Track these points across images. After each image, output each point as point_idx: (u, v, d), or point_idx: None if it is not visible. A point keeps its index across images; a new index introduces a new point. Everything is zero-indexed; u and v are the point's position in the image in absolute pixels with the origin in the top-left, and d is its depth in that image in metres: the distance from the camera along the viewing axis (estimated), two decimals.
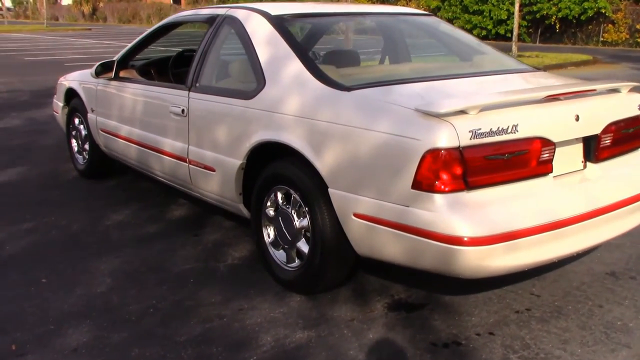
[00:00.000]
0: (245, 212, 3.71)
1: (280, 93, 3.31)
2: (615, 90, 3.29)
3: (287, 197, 3.34)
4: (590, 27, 24.50)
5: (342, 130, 2.94)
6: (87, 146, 5.48)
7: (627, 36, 23.70)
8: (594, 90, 3.11)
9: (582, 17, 23.93)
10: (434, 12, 26.07)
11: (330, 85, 3.12)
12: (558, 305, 3.22)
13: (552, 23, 24.73)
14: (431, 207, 2.62)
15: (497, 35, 25.44)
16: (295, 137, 3.15)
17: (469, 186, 2.65)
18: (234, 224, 4.43)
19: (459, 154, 2.60)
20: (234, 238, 4.18)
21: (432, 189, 2.62)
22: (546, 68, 15.23)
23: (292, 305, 3.24)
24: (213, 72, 3.92)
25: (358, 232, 2.93)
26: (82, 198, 5.11)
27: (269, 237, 3.50)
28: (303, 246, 3.27)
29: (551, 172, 2.90)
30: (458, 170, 2.61)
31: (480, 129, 2.63)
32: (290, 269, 3.37)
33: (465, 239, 2.55)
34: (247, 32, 3.69)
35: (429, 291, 3.38)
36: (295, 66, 3.30)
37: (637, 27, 23.14)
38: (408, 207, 2.69)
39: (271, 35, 3.54)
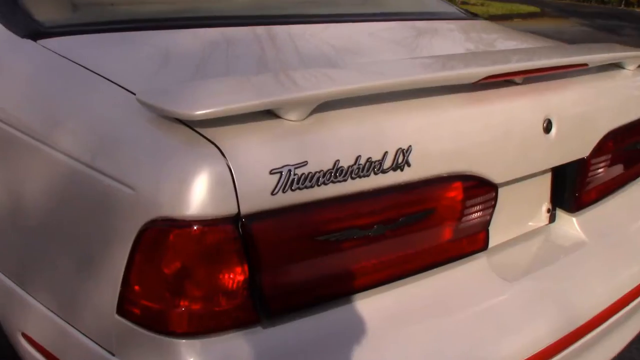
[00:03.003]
0: None
1: None
2: (615, 66, 1.68)
3: None
4: None
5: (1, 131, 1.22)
6: None
7: None
8: (585, 65, 1.46)
9: None
10: None
11: (9, 26, 1.36)
12: None
13: None
14: None
15: None
16: None
17: (270, 315, 1.00)
18: None
19: (238, 233, 0.94)
20: None
21: (163, 327, 0.96)
22: (490, 19, 13.66)
23: None
24: None
25: None
26: None
27: None
28: None
29: (485, 247, 1.29)
30: (237, 277, 0.96)
31: (305, 165, 0.97)
32: None
33: None
34: None
35: None
36: None
37: None
38: (114, 356, 1.03)
39: None
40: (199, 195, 0.91)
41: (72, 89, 1.14)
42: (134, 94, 1.02)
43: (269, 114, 1.01)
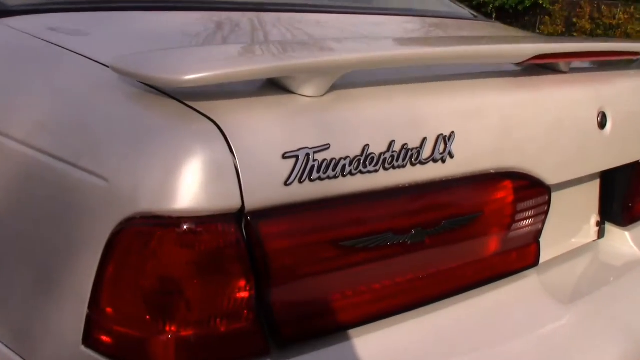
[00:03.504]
0: None
1: None
2: None
3: None
4: (527, 18, 23.39)
5: None
6: None
7: (564, 29, 22.80)
8: (637, 55, 1.27)
9: (520, 8, 22.76)
10: None
11: None
12: None
13: (489, 12, 23.45)
14: None
15: None
16: None
17: (283, 344, 0.77)
18: None
19: (241, 234, 0.72)
20: None
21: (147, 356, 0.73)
22: None
23: None
24: None
25: None
26: None
27: None
28: None
29: (536, 263, 1.08)
30: (240, 293, 0.73)
31: (327, 148, 0.75)
32: None
33: None
34: None
35: None
36: None
37: (574, 20, 22.19)
38: None
39: None
40: (190, 185, 0.69)
41: (35, 67, 0.93)
42: (108, 67, 0.81)
43: (280, 88, 0.80)
